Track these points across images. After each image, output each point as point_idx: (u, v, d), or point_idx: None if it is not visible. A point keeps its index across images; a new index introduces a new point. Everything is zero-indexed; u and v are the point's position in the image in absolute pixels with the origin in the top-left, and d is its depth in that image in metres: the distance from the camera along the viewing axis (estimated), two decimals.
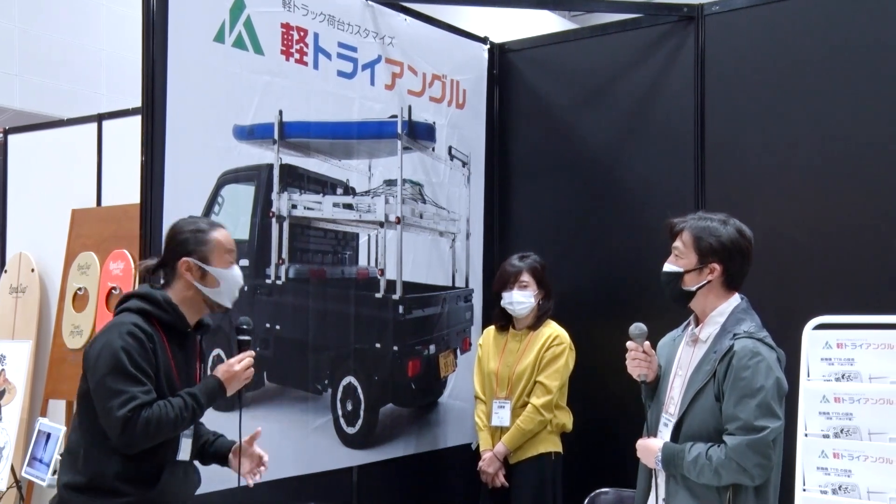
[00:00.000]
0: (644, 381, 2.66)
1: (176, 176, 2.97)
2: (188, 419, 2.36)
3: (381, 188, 3.76)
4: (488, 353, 3.68)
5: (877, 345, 2.24)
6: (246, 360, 2.49)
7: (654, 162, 3.90)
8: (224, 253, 2.48)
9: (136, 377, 2.27)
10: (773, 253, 3.54)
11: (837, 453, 2.22)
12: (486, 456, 3.56)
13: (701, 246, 2.54)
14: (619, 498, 3.15)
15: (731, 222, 2.59)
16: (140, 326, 2.33)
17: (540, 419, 3.48)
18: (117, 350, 2.27)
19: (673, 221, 2.62)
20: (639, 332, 2.65)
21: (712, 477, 2.40)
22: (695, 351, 2.60)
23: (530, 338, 3.60)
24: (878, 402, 2.19)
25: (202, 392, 2.39)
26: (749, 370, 2.40)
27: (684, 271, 2.56)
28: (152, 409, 2.27)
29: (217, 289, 2.46)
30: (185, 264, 2.43)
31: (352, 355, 3.62)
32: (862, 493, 2.17)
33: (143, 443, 2.28)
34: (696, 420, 2.49)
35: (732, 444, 2.38)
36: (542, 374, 3.52)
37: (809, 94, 3.52)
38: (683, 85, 3.81)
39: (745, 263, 2.58)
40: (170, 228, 2.53)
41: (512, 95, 4.34)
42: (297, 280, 3.40)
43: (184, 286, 2.45)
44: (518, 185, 4.33)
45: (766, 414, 2.37)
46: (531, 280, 3.60)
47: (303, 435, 3.41)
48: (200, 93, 3.06)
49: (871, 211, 3.37)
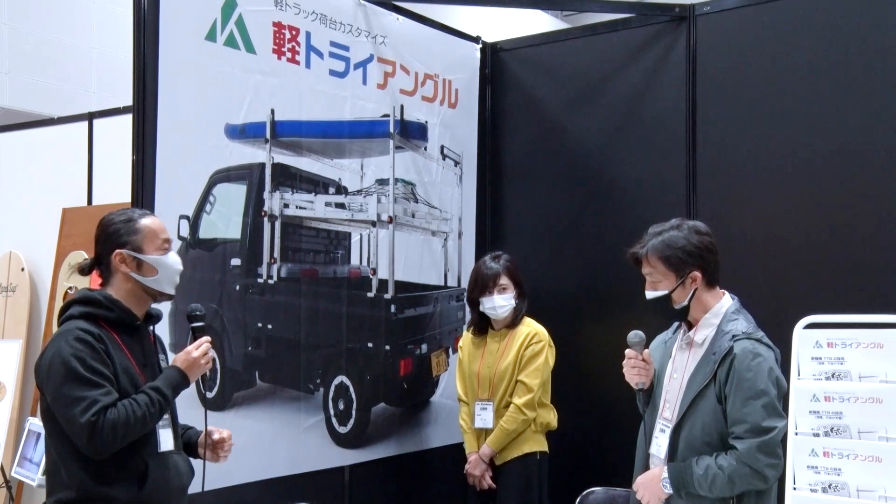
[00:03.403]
0: (641, 389, 2.66)
1: (167, 175, 2.96)
2: (156, 414, 2.31)
3: (373, 187, 3.76)
4: (469, 356, 3.66)
5: (867, 344, 2.25)
6: (203, 346, 2.44)
7: (645, 162, 3.91)
8: (157, 239, 2.41)
9: (92, 381, 2.22)
10: (764, 252, 3.56)
11: (828, 452, 2.23)
12: (472, 458, 3.55)
13: (672, 262, 2.54)
14: (609, 497, 3.16)
15: (684, 225, 2.59)
16: (86, 330, 2.27)
17: (523, 418, 3.47)
18: (67, 358, 2.21)
19: (632, 252, 2.61)
20: (638, 339, 2.65)
21: (726, 486, 2.38)
22: (691, 354, 2.59)
23: (509, 337, 3.58)
24: (868, 401, 2.20)
25: (165, 384, 2.34)
26: (752, 372, 2.39)
27: (669, 292, 2.56)
28: (118, 410, 2.22)
29: (155, 277, 2.39)
30: (119, 256, 2.37)
31: (344, 355, 3.61)
32: (851, 491, 2.18)
33: (113, 445, 2.23)
34: (698, 423, 2.48)
35: (743, 449, 2.36)
36: (523, 373, 3.50)
37: (800, 94, 3.53)
38: (675, 85, 3.82)
39: (716, 255, 2.59)
40: (99, 223, 2.45)
41: (504, 95, 4.35)
42: (288, 279, 3.40)
43: (122, 279, 2.38)
44: (510, 185, 4.33)
45: (772, 414, 2.37)
46: (509, 282, 3.57)
47: (295, 434, 3.40)
48: (192, 92, 3.05)
49: (862, 211, 3.39)
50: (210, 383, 3.10)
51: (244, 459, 3.17)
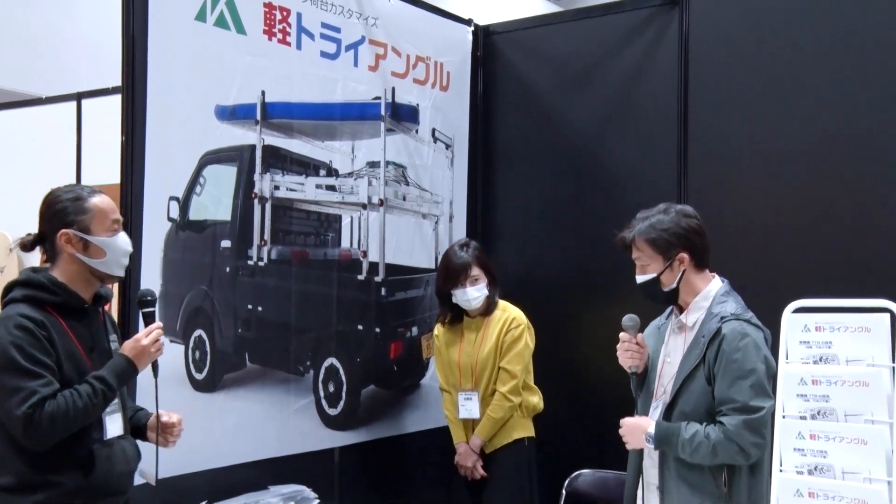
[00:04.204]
0: (635, 373, 2.68)
1: (156, 156, 2.94)
2: (99, 404, 2.24)
3: (364, 170, 3.75)
4: (446, 345, 3.62)
5: (854, 328, 2.26)
6: (154, 333, 2.35)
7: (637, 146, 3.92)
8: (106, 220, 2.32)
9: (32, 371, 2.14)
10: (754, 237, 3.57)
11: (814, 434, 2.24)
12: (462, 449, 3.54)
13: (659, 245, 2.56)
14: (599, 478, 3.18)
15: (671, 209, 2.61)
16: (28, 316, 2.18)
17: (509, 405, 3.46)
18: (6, 346, 2.14)
19: (621, 236, 2.63)
20: (632, 323, 2.66)
21: (707, 454, 2.42)
22: (683, 337, 2.61)
23: (486, 324, 3.54)
24: (855, 385, 2.22)
25: (111, 374, 2.26)
26: (740, 352, 2.43)
27: (658, 275, 2.57)
28: (57, 402, 2.14)
29: (103, 259, 2.30)
30: (65, 236, 2.27)
31: (334, 337, 3.61)
32: (837, 473, 2.20)
33: (51, 437, 2.16)
34: (690, 403, 2.51)
35: (730, 425, 2.40)
36: (504, 360, 3.48)
37: (792, 80, 3.54)
38: (667, 69, 3.82)
39: (704, 238, 2.61)
40: (45, 198, 2.33)
41: (496, 78, 4.33)
42: (279, 261, 3.39)
43: (68, 260, 2.29)
44: (501, 168, 4.33)
45: (759, 394, 2.41)
46: (480, 272, 3.50)
47: (284, 416, 3.41)
48: (181, 72, 3.02)
49: (852, 196, 3.40)
50: (199, 364, 3.10)
51: (234, 441, 3.18)
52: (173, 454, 2.86)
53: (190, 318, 3.07)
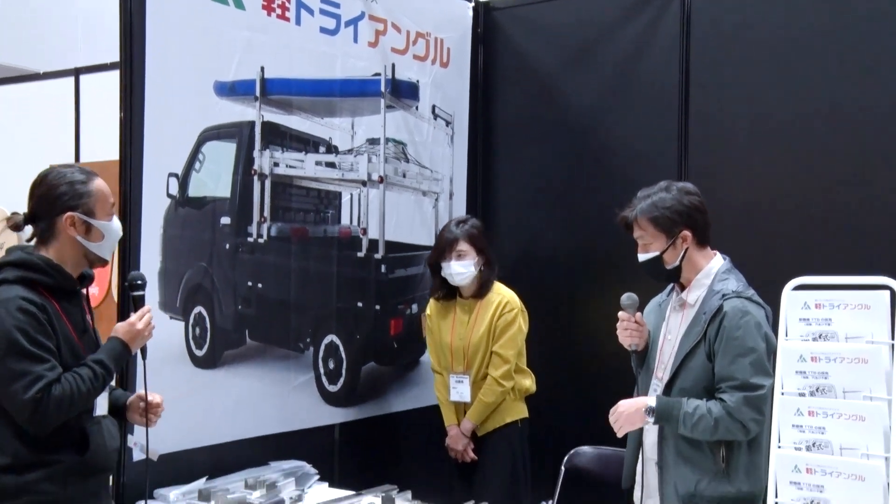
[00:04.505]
0: (635, 351, 2.68)
1: (155, 132, 2.92)
2: (99, 388, 2.26)
3: (363, 147, 3.73)
4: (438, 326, 3.57)
5: (854, 305, 2.26)
6: (146, 316, 2.38)
7: (637, 124, 3.90)
8: (107, 204, 2.32)
9: (37, 355, 2.15)
10: (755, 214, 3.57)
11: (813, 411, 2.25)
12: (453, 432, 3.51)
13: (661, 223, 2.56)
14: (598, 455, 3.19)
15: (673, 186, 2.61)
16: (29, 299, 2.17)
17: (501, 390, 3.41)
18: (10, 330, 2.13)
19: (622, 215, 2.63)
20: (630, 301, 2.67)
21: (709, 429, 2.43)
22: (683, 315, 2.62)
23: (479, 306, 3.48)
24: (854, 362, 2.22)
25: (109, 357, 2.29)
26: (741, 330, 2.44)
27: (660, 253, 2.57)
28: (62, 386, 2.16)
29: (100, 243, 2.31)
30: (70, 219, 2.25)
31: (334, 314, 3.62)
32: (835, 449, 2.21)
33: (56, 421, 2.18)
34: (689, 381, 2.52)
35: (731, 401, 2.42)
36: (497, 344, 3.42)
37: (794, 57, 3.52)
38: (669, 46, 3.80)
39: (706, 215, 2.61)
40: (41, 179, 2.30)
41: (496, 54, 4.31)
42: (279, 238, 3.39)
43: (67, 242, 2.27)
44: (502, 145, 4.31)
45: (760, 372, 2.43)
46: (469, 248, 3.43)
47: (284, 392, 3.42)
48: (180, 47, 3.00)
49: (854, 174, 3.40)
50: (200, 341, 3.10)
51: (234, 417, 3.19)
52: (175, 430, 2.88)
53: (190, 294, 3.07)
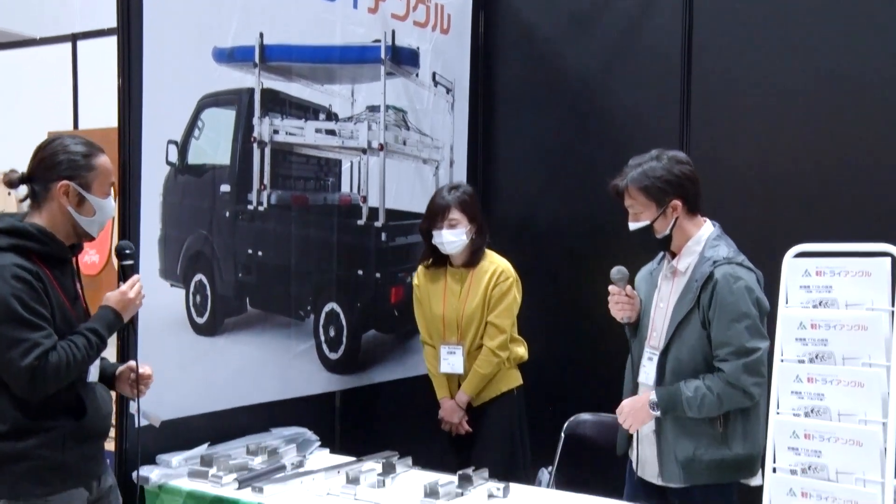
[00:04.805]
0: (628, 323, 2.69)
1: (154, 99, 2.90)
2: (94, 356, 2.29)
3: (363, 114, 3.71)
4: (428, 295, 3.46)
5: (854, 272, 2.26)
6: (136, 285, 2.39)
7: (640, 91, 3.88)
8: (106, 182, 2.33)
9: (33, 323, 2.15)
10: (756, 181, 3.56)
11: (812, 378, 2.26)
12: (447, 405, 3.44)
13: (651, 192, 2.55)
14: (598, 421, 3.21)
15: (663, 156, 2.60)
16: (24, 267, 2.17)
17: (497, 360, 3.35)
18: (6, 297, 2.13)
19: (613, 184, 2.62)
20: (620, 275, 2.67)
21: (715, 406, 2.45)
22: (675, 283, 2.62)
23: (472, 276, 3.38)
24: (853, 329, 2.23)
25: (102, 325, 2.30)
26: (734, 296, 2.45)
27: (651, 222, 2.56)
28: (58, 354, 2.18)
29: (91, 218, 2.31)
30: (65, 188, 2.25)
31: (334, 282, 3.62)
32: (833, 415, 2.23)
33: (52, 389, 2.19)
34: (684, 349, 2.53)
35: (730, 370, 2.43)
36: (493, 314, 3.34)
37: (796, 23, 3.49)
38: (671, 12, 3.76)
39: (697, 184, 2.61)
40: (46, 144, 2.31)
41: (497, 21, 4.27)
42: (279, 206, 3.38)
43: (57, 210, 2.27)
44: (502, 113, 4.29)
45: (755, 335, 2.45)
46: (461, 216, 3.32)
47: (285, 360, 3.43)
48: (178, 13, 2.96)
49: (855, 141, 3.39)
50: (200, 309, 3.11)
51: (235, 384, 3.21)
52: (176, 396, 2.90)
53: (190, 262, 3.07)
